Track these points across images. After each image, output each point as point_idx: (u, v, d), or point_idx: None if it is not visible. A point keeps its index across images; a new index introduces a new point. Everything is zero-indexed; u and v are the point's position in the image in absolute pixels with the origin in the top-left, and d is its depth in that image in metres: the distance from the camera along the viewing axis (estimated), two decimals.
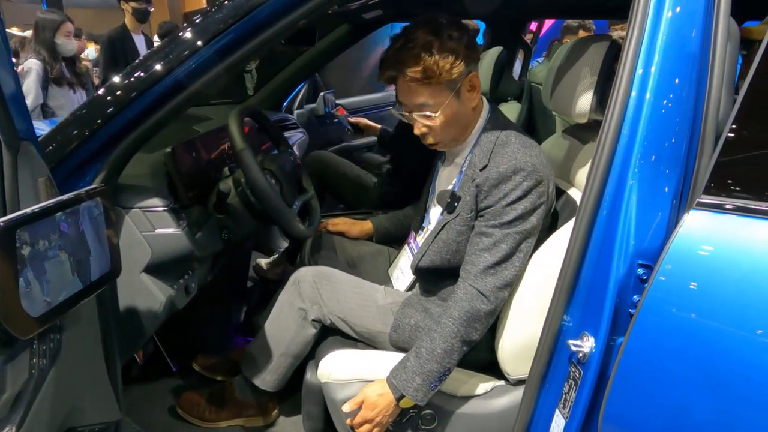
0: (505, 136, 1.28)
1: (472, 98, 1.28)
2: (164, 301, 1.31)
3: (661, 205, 0.95)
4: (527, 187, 1.20)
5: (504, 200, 1.21)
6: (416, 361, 1.20)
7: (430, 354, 1.19)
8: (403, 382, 1.19)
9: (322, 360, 1.34)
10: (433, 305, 1.37)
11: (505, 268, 1.21)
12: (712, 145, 0.93)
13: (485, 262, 1.21)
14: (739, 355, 0.83)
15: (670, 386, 0.89)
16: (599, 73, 1.20)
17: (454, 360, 1.21)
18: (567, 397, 1.01)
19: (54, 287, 0.70)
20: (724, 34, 0.94)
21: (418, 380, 1.18)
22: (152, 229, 1.27)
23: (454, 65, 1.20)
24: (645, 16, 0.96)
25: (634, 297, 0.95)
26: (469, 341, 1.21)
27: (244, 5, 1.05)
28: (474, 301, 1.20)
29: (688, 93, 0.94)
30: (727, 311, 0.84)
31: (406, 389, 1.19)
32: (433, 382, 1.19)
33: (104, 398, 0.99)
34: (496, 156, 1.25)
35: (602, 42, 1.24)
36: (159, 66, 1.07)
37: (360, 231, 1.80)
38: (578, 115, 1.26)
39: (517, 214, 1.20)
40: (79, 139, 1.07)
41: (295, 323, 1.45)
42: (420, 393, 1.19)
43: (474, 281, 1.22)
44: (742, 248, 0.87)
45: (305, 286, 1.45)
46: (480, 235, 1.24)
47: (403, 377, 1.20)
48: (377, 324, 1.39)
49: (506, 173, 1.21)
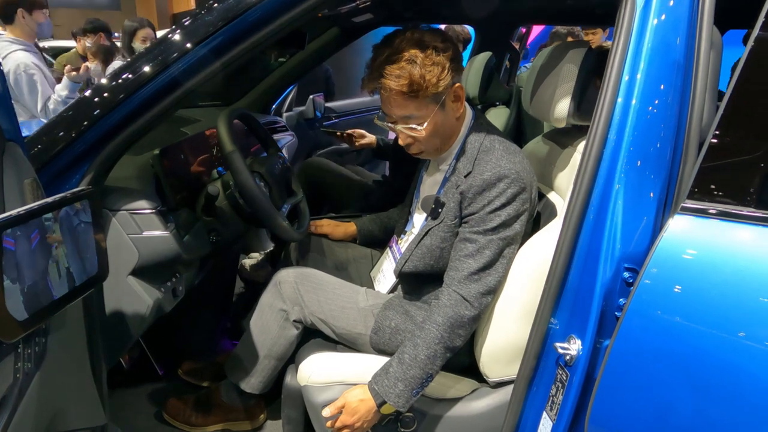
0: (489, 143, 1.29)
1: (456, 108, 1.29)
2: (151, 305, 1.29)
3: (647, 209, 0.96)
4: (511, 194, 1.21)
5: (488, 207, 1.22)
6: (399, 367, 1.20)
7: (413, 360, 1.19)
8: (385, 388, 1.19)
9: (302, 363, 1.34)
10: (414, 308, 1.38)
11: (489, 274, 1.22)
12: (696, 151, 0.95)
13: (469, 268, 1.22)
14: (722, 357, 0.84)
15: (656, 388, 0.91)
16: (577, 79, 1.22)
17: (437, 366, 1.21)
18: (554, 399, 1.02)
19: (40, 290, 0.69)
20: (708, 42, 0.96)
21: (400, 386, 1.19)
22: (139, 231, 1.26)
23: (441, 78, 1.19)
24: (631, 23, 0.97)
25: (620, 300, 0.96)
26: (453, 347, 1.22)
27: (234, 8, 1.05)
28: (458, 307, 1.21)
29: (673, 99, 0.96)
30: (711, 314, 0.86)
31: (388, 395, 1.19)
32: (415, 389, 1.19)
33: (89, 403, 0.98)
34: (480, 163, 1.26)
35: (580, 48, 1.26)
36: (147, 68, 1.06)
37: (344, 233, 1.80)
38: (556, 120, 1.27)
39: (501, 221, 1.21)
40: (65, 140, 1.06)
41: (276, 324, 1.44)
42: (402, 399, 1.18)
43: (458, 287, 1.23)
44: (725, 252, 0.89)
45: (286, 287, 1.45)
46: (464, 242, 1.25)
47: (385, 383, 1.20)
48: (358, 326, 1.40)
49: (490, 180, 1.21)
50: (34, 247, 0.70)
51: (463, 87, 1.27)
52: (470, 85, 2.24)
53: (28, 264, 0.68)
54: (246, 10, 1.04)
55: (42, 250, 0.71)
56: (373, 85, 1.23)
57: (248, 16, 1.05)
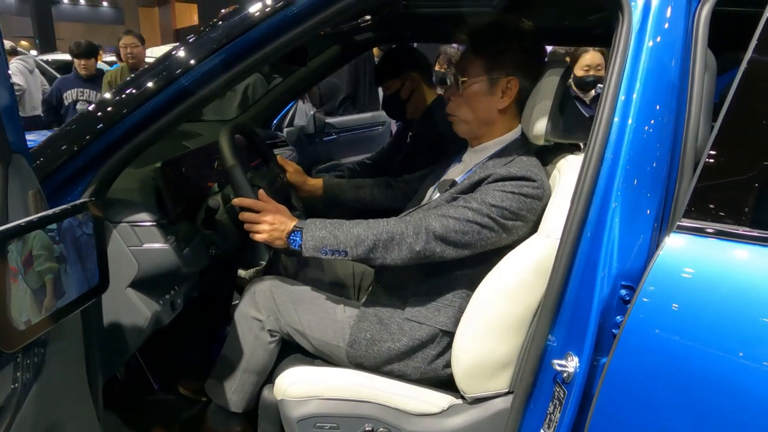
0: (526, 157, 1.30)
1: (503, 101, 1.32)
2: (149, 317, 1.29)
3: (643, 227, 0.97)
4: (527, 192, 1.21)
5: (497, 185, 1.22)
6: (334, 224, 1.27)
7: (348, 228, 1.25)
8: (309, 223, 1.28)
9: (278, 377, 1.33)
10: (387, 314, 1.36)
11: (457, 231, 1.21)
12: (692, 170, 0.96)
13: (445, 211, 1.24)
14: (720, 377, 0.84)
15: (653, 407, 0.90)
16: (554, 98, 1.25)
17: (358, 251, 1.24)
18: (552, 416, 1.02)
19: (41, 300, 0.70)
20: (702, 64, 0.98)
21: (322, 232, 1.25)
22: (140, 243, 1.27)
23: (505, 55, 1.29)
24: (627, 45, 0.99)
25: (617, 317, 0.97)
26: (382, 255, 1.24)
27: (238, 25, 1.07)
28: (409, 227, 1.23)
29: (668, 119, 0.98)
30: (708, 333, 0.86)
31: (307, 230, 1.26)
32: (326, 247, 1.25)
33: (85, 415, 0.97)
34: (510, 165, 1.27)
35: (557, 68, 1.29)
36: (151, 83, 1.08)
37: (310, 188, 1.79)
38: (535, 137, 1.29)
39: (501, 202, 1.20)
40: (69, 153, 1.07)
41: (251, 335, 1.42)
42: (310, 240, 1.25)
43: (424, 216, 1.25)
44: (722, 271, 0.89)
45: (261, 296, 1.42)
46: (455, 201, 1.27)
47: (316, 225, 1.27)
48: (336, 338, 1.37)
49: (516, 175, 1.22)
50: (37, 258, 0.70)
51: (518, 87, 1.32)
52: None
53: (30, 274, 0.69)
54: (250, 28, 1.06)
55: (44, 261, 0.71)
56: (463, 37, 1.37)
57: (251, 34, 1.07)
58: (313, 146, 3.45)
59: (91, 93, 4.41)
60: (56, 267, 0.74)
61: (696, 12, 0.99)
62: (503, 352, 1.21)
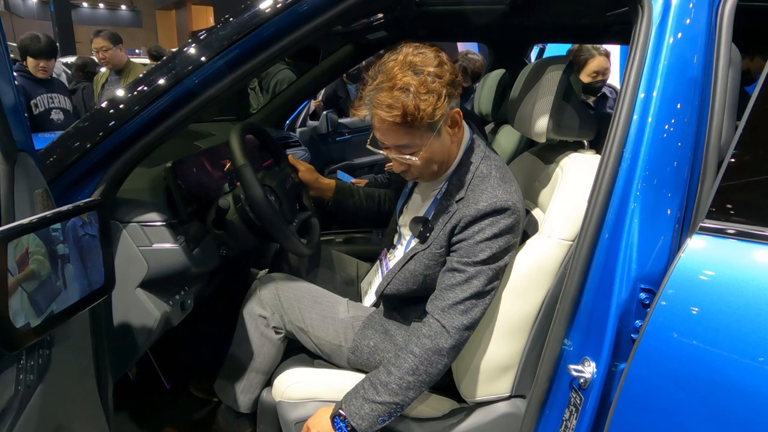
0: (485, 168, 1.23)
1: (454, 133, 1.22)
2: (159, 318, 1.29)
3: (664, 229, 0.94)
4: (504, 226, 1.16)
5: (479, 236, 1.17)
6: (369, 390, 1.17)
7: (384, 386, 1.16)
8: (351, 408, 1.17)
9: (277, 378, 1.32)
10: (394, 326, 1.35)
11: (475, 306, 1.17)
12: (715, 170, 0.93)
13: (455, 298, 1.17)
14: (741, 382, 0.81)
15: (673, 414, 0.87)
16: (555, 94, 1.21)
17: (409, 397, 1.17)
18: (568, 423, 0.99)
19: (45, 300, 0.69)
20: (726, 60, 0.94)
21: (366, 408, 1.16)
22: (149, 243, 1.26)
23: (437, 107, 1.10)
24: (647, 40, 0.96)
25: (637, 322, 0.94)
26: (429, 379, 1.17)
27: (249, 23, 1.06)
28: (437, 339, 1.17)
29: (690, 118, 0.94)
30: (729, 337, 0.83)
31: (352, 415, 1.16)
32: (381, 416, 1.16)
33: (94, 418, 0.97)
34: (475, 190, 1.20)
35: (559, 64, 1.26)
36: (162, 81, 1.07)
37: (319, 190, 1.72)
38: (536, 135, 1.26)
39: (491, 253, 1.16)
40: (79, 151, 1.07)
41: (257, 332, 1.41)
42: (365, 422, 1.15)
43: (441, 316, 1.18)
44: (745, 274, 0.86)
45: (266, 293, 1.42)
46: (452, 271, 1.20)
47: (353, 402, 1.18)
48: (337, 337, 1.37)
49: (485, 211, 1.16)
50: (41, 257, 0.69)
51: (461, 111, 1.19)
52: (483, 103, 2.24)
53: (34, 273, 0.68)
54: (260, 25, 1.05)
55: (49, 260, 0.71)
56: (365, 113, 1.16)
57: (262, 30, 1.06)
58: (326, 146, 3.45)
59: (62, 99, 3.76)
60: (61, 267, 0.73)
61: (720, 5, 0.95)
62: (504, 355, 1.19)
